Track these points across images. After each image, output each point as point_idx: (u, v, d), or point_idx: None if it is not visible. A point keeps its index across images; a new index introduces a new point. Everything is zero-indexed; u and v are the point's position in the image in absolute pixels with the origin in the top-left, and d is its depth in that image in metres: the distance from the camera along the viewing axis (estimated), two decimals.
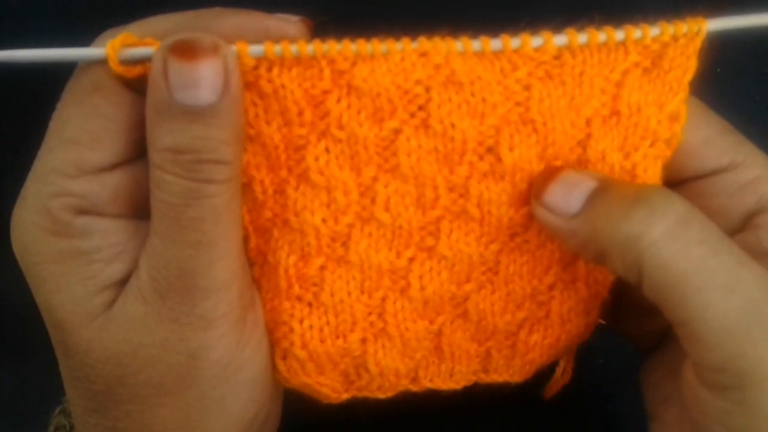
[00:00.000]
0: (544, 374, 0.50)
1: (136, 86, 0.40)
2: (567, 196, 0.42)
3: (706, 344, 0.38)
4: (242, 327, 0.42)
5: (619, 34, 0.42)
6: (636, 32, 0.42)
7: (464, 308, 0.46)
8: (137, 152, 0.40)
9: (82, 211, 0.39)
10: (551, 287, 0.46)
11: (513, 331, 0.47)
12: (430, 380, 0.48)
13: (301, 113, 0.42)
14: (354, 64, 0.41)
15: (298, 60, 0.41)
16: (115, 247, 0.40)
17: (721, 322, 0.38)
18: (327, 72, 0.41)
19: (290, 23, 0.42)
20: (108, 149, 0.40)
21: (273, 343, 0.45)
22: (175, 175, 0.38)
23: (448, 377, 0.48)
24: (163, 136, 0.38)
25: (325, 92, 0.41)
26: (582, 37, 0.42)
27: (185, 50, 0.38)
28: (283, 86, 0.41)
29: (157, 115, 0.38)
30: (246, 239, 0.44)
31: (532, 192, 0.44)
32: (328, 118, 0.42)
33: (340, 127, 0.42)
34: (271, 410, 0.46)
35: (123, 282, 0.40)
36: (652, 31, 0.42)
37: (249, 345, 0.42)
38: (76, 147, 0.39)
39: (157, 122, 0.38)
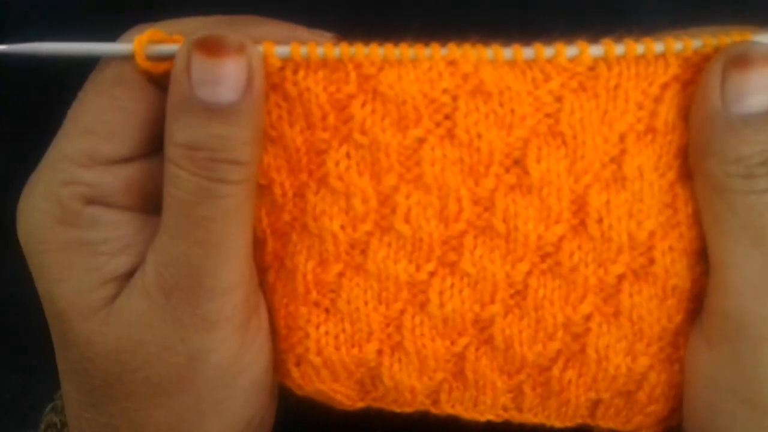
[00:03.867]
0: None
1: (161, 83, 0.40)
2: None
3: (728, 290, 0.39)
4: (245, 332, 0.41)
5: (658, 46, 0.40)
6: (676, 44, 0.40)
7: (489, 333, 0.44)
8: (154, 147, 0.40)
9: (91, 201, 0.40)
10: (587, 318, 0.43)
11: (545, 365, 0.44)
12: (452, 406, 0.46)
13: (324, 117, 0.41)
14: (381, 69, 0.40)
15: (324, 63, 0.40)
16: (122, 240, 0.40)
17: (750, 270, 0.39)
18: (353, 76, 0.40)
19: (323, 38, 0.41)
20: (123, 142, 0.40)
21: (287, 350, 0.44)
22: (189, 171, 0.38)
23: (472, 406, 0.46)
24: (179, 131, 0.38)
25: (350, 96, 0.41)
26: (619, 48, 0.40)
27: (210, 46, 0.38)
28: (308, 89, 0.41)
29: (176, 109, 0.38)
30: (264, 242, 0.43)
31: None
32: (351, 122, 0.41)
33: (363, 133, 0.41)
34: (265, 416, 0.45)
35: (127, 276, 0.40)
36: (694, 44, 0.40)
37: (250, 350, 0.42)
38: (92, 137, 0.39)
39: (176, 116, 0.38)
